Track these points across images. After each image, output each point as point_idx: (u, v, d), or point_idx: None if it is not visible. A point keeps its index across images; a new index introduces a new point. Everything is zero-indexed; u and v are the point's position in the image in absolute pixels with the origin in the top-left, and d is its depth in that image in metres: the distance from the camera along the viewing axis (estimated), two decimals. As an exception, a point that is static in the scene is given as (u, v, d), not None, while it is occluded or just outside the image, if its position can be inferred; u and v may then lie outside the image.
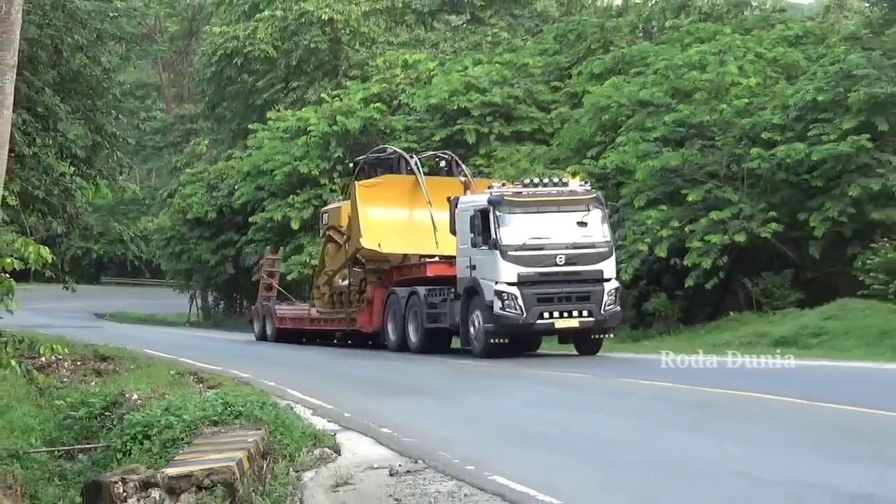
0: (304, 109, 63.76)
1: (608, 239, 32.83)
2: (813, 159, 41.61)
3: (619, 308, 33.24)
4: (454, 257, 35.15)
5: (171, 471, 15.46)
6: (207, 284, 71.41)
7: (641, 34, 59.52)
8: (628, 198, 47.04)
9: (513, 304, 31.12)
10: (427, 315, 34.96)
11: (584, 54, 58.93)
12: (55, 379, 33.27)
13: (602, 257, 32.33)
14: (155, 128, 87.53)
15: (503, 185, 33.55)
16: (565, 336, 34.06)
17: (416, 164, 39.37)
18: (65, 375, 34.89)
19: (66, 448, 24.18)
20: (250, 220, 62.07)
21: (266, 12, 71.00)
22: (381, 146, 48.40)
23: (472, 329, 32.94)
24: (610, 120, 50.18)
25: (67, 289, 46.30)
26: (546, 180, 33.95)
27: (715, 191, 44.07)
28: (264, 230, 61.24)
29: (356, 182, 37.95)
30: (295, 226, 59.39)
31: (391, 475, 18.02)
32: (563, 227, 32.30)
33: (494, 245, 31.73)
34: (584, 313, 31.53)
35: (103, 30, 41.91)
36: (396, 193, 37.37)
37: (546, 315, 31.62)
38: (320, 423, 23.05)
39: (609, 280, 32.23)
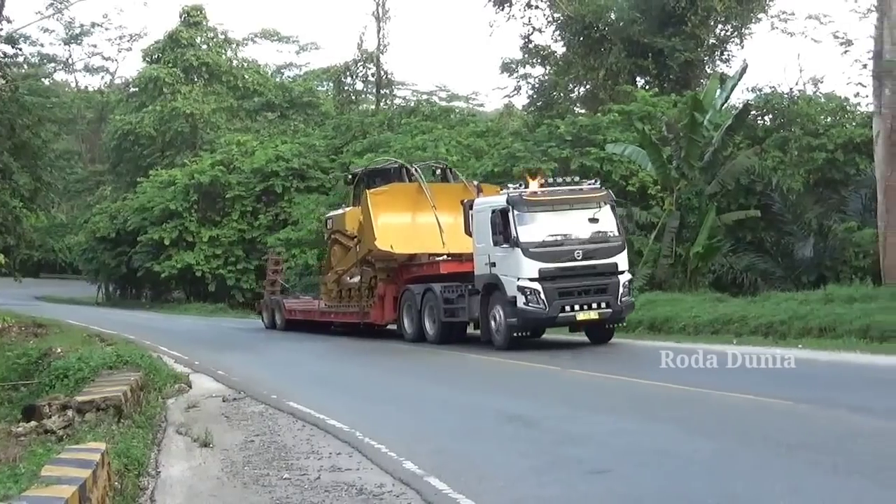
0: (173, 170, 63.32)
1: (620, 233, 25.76)
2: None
3: (632, 299, 26.26)
4: (463, 255, 28.02)
5: (80, 398, 15.22)
6: (108, 278, 69.87)
7: (387, 127, 58.79)
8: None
9: (536, 299, 24.28)
10: (444, 310, 27.49)
11: (351, 139, 58.68)
12: (7, 338, 33.28)
13: (616, 251, 25.31)
14: (76, 178, 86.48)
15: (519, 185, 26.30)
16: (579, 326, 26.36)
17: (417, 172, 31.93)
18: (13, 336, 34.52)
19: (12, 383, 24.20)
20: (138, 238, 61.17)
21: (150, 107, 70.95)
22: (379, 158, 41.20)
23: (493, 323, 25.49)
24: None
25: (16, 280, 47.83)
26: (560, 180, 26.71)
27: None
28: (147, 245, 60.28)
29: (367, 190, 30.52)
30: (166, 242, 58.64)
31: (223, 401, 18.52)
32: (578, 223, 25.25)
33: (515, 243, 24.49)
34: (603, 305, 24.74)
35: (43, 115, 43.63)
36: (403, 199, 30.26)
37: (567, 308, 24.58)
38: (179, 368, 23.51)
39: (623, 272, 25.33)
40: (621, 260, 25.19)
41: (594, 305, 24.53)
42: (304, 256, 50.58)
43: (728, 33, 43.59)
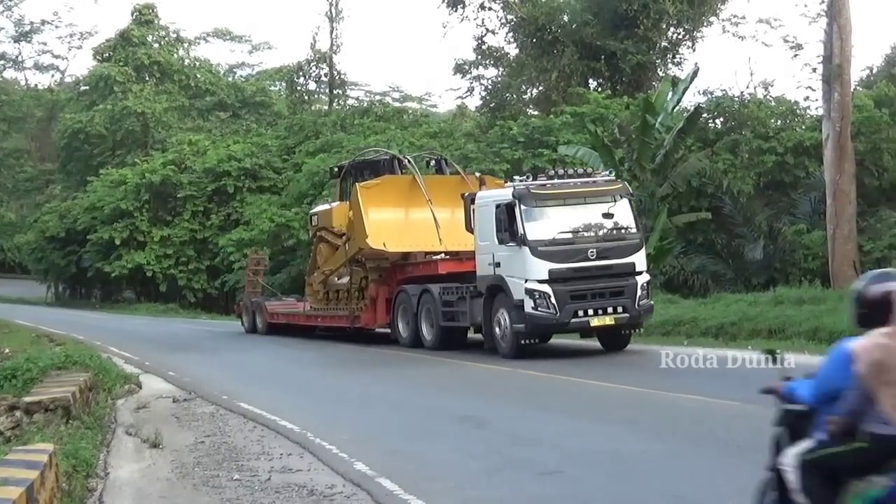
0: (124, 169, 62.72)
1: (637, 230, 22.92)
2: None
3: (651, 302, 23.32)
4: (462, 253, 25.47)
5: (28, 399, 14.93)
6: (58, 278, 69.46)
7: (340, 128, 58.73)
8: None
9: (545, 303, 21.38)
10: (443, 313, 24.62)
11: (304, 139, 58.67)
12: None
13: (633, 249, 22.42)
14: (26, 177, 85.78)
15: (526, 178, 23.55)
16: (592, 333, 23.24)
17: (410, 163, 29.30)
18: (-37, 337, 33.12)
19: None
20: (88, 238, 60.55)
21: (101, 106, 70.41)
22: (368, 149, 38.14)
23: (497, 329, 22.61)
24: (320, 180, 49.18)
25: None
26: (571, 171, 23.76)
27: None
28: (97, 244, 59.73)
29: (357, 184, 27.69)
30: (117, 242, 58.24)
31: (174, 402, 18.41)
32: (591, 219, 22.33)
33: (522, 241, 21.60)
34: (619, 309, 21.90)
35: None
36: (395, 193, 27.27)
37: (580, 313, 21.71)
38: (129, 369, 23.12)
39: (640, 273, 22.42)
40: (639, 259, 22.58)
41: (609, 310, 21.93)
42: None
43: (680, 36, 43.93)
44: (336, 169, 32.96)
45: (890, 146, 35.85)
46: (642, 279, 22.30)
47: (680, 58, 45.97)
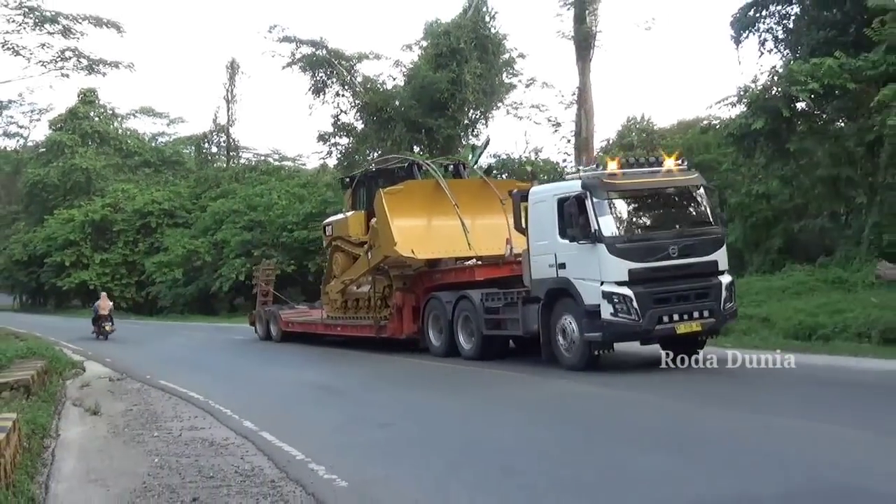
0: (72, 210, 60.97)
1: (717, 225, 15.25)
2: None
3: (736, 305, 15.43)
4: (498, 258, 18.30)
5: None
6: (22, 291, 67.93)
7: (235, 179, 57.89)
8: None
9: (627, 308, 13.99)
10: (486, 321, 17.01)
11: (207, 188, 57.98)
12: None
13: (715, 246, 14.84)
14: None
15: (597, 166, 15.50)
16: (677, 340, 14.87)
17: (432, 167, 21.67)
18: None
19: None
20: (45, 261, 59.17)
21: (55, 163, 67.49)
22: (385, 156, 29.96)
23: (560, 338, 15.01)
24: (220, 218, 49.33)
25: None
26: (642, 160, 15.42)
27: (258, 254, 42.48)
28: (52, 266, 58.29)
29: (381, 190, 19.73)
30: (67, 264, 57.05)
31: (109, 381, 17.78)
32: (669, 212, 15.12)
33: (597, 238, 14.15)
34: (705, 314, 14.46)
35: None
36: (420, 198, 19.66)
37: (665, 318, 14.21)
38: (76, 357, 22.34)
39: (723, 272, 14.84)
40: (721, 257, 14.98)
41: (695, 314, 14.44)
42: (172, 273, 49.85)
43: (477, 116, 44.32)
44: (347, 179, 25.09)
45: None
46: (726, 279, 14.86)
47: (477, 131, 46.39)
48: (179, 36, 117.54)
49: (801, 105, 22.82)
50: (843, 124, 23.87)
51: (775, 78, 23.77)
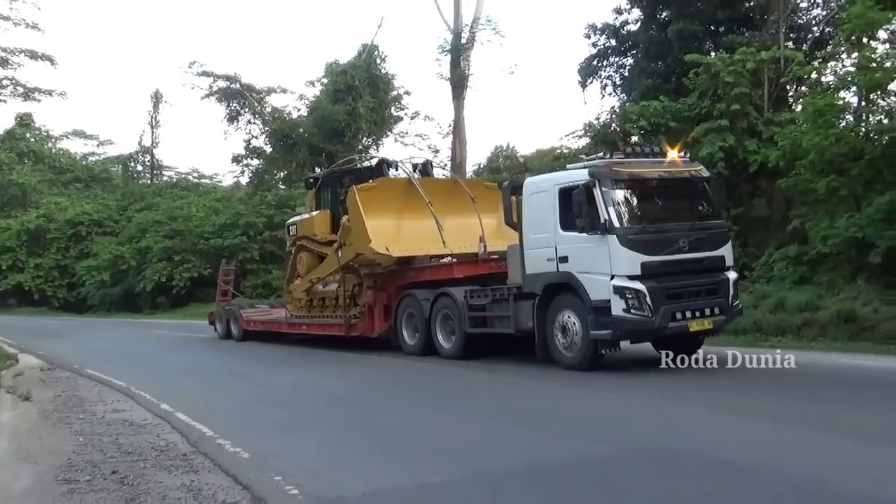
0: (9, 220, 57.74)
1: (723, 219, 12.81)
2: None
3: (741, 303, 12.89)
4: (473, 255, 15.82)
5: None
6: None
7: (158, 194, 55.93)
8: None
9: (640, 304, 11.19)
10: (470, 318, 14.10)
11: (133, 202, 55.87)
12: None
13: (722, 240, 12.27)
14: None
15: (605, 154, 12.56)
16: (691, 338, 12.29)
17: (403, 165, 18.55)
18: None
19: None
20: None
21: None
22: (350, 157, 26.12)
23: (559, 336, 12.19)
24: (144, 227, 47.45)
25: None
26: (647, 149, 12.64)
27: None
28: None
29: (354, 187, 16.54)
30: (4, 267, 54.09)
31: (41, 370, 17.06)
32: (677, 204, 12.45)
33: (608, 229, 11.31)
34: (716, 311, 11.91)
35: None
36: (393, 196, 16.66)
37: (679, 315, 11.51)
38: (10, 350, 21.37)
39: (730, 268, 12.28)
40: (727, 252, 12.42)
41: (707, 311, 11.88)
42: (100, 275, 48.06)
43: (370, 143, 44.19)
44: (311, 180, 21.84)
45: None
46: (732, 275, 12.35)
47: (370, 156, 46.53)
48: (110, 66, 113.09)
49: (633, 139, 22.69)
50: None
51: (613, 116, 24.70)
